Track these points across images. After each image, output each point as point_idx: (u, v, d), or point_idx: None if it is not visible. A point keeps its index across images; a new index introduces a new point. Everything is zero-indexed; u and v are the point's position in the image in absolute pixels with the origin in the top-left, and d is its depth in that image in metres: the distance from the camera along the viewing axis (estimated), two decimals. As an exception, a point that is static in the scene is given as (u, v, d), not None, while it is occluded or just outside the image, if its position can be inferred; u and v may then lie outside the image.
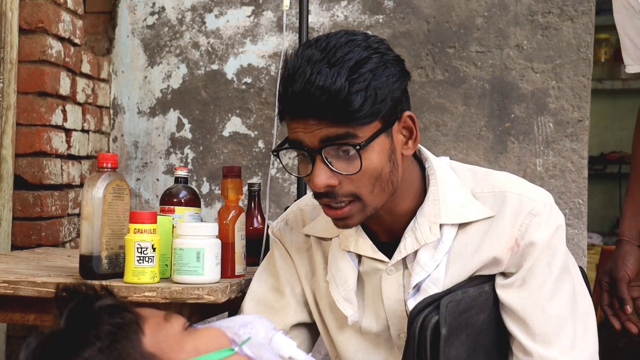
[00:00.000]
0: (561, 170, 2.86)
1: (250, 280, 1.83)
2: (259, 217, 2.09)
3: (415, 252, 1.45)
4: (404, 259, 1.47)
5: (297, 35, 2.45)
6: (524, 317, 1.41)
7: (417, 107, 2.84)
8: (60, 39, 2.66)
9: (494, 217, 1.44)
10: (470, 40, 2.92)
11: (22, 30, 2.54)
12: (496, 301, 1.45)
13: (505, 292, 1.43)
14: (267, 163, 3.01)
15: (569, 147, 2.86)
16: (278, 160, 1.50)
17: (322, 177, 1.35)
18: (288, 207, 1.75)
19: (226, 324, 1.09)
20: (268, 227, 1.89)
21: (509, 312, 1.44)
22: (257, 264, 1.91)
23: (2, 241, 2.49)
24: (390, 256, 1.48)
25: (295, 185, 2.94)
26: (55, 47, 2.61)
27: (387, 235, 1.50)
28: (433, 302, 1.41)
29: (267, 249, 1.95)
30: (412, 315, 1.41)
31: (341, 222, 1.42)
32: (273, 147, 1.98)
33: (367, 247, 1.49)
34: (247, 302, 1.64)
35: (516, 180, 1.50)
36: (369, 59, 1.33)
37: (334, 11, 3.00)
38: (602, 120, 4.93)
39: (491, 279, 1.46)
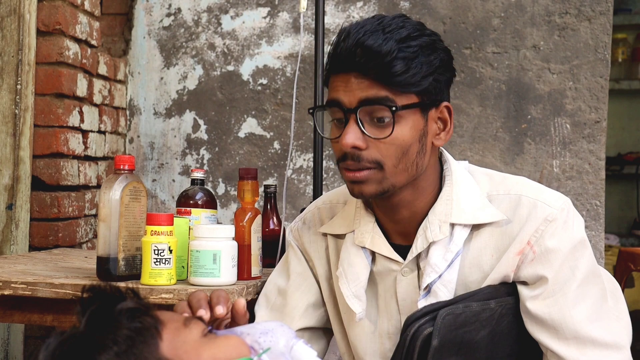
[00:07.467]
0: (578, 172, 2.84)
1: (265, 282, 1.83)
2: (275, 218, 2.09)
3: (428, 253, 1.44)
4: (417, 261, 1.47)
5: (313, 36, 2.44)
6: (552, 324, 1.39)
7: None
8: (77, 40, 2.67)
9: (508, 221, 1.43)
10: (486, 41, 2.91)
11: (39, 32, 2.56)
12: (500, 319, 1.42)
13: (532, 302, 1.41)
14: (283, 164, 3.01)
15: (586, 148, 2.84)
16: (314, 119, 1.55)
17: (352, 135, 1.37)
18: (304, 208, 1.75)
19: (247, 331, 1.08)
20: (285, 228, 1.89)
21: (537, 322, 1.41)
22: (274, 266, 1.91)
23: (20, 242, 2.50)
24: (404, 258, 1.48)
25: (311, 186, 2.94)
26: (72, 49, 2.63)
27: (401, 236, 1.50)
28: (431, 312, 1.39)
29: (283, 250, 1.95)
30: (407, 324, 1.40)
31: (357, 187, 1.42)
32: (289, 150, 1.98)
33: (382, 245, 1.49)
34: (260, 303, 1.66)
35: (533, 185, 1.48)
36: (420, 37, 1.38)
37: (349, 12, 3.00)
38: (619, 121, 4.89)
39: (503, 293, 1.43)
